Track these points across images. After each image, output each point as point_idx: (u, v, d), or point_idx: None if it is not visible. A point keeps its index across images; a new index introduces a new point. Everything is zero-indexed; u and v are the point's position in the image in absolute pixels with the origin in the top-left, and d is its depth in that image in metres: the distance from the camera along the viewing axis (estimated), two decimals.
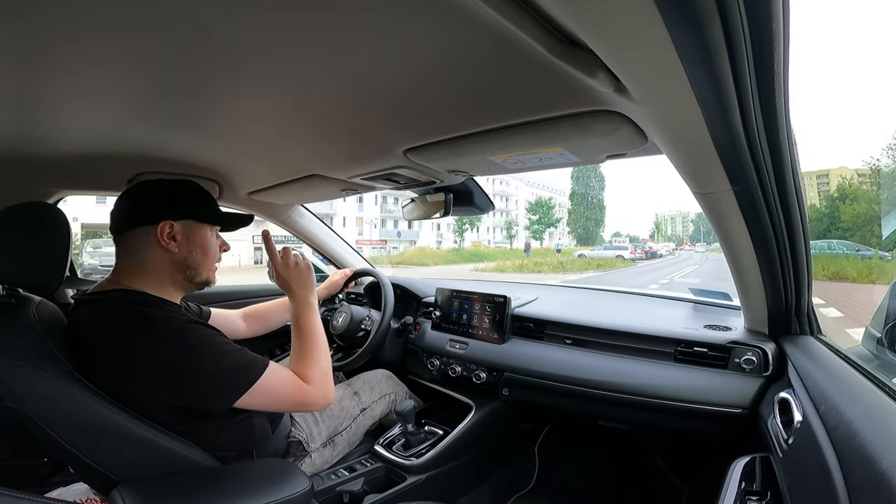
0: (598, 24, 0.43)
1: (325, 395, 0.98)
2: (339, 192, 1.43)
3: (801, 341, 1.02)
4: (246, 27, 0.53)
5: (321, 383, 0.97)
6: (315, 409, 1.12)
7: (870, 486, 0.48)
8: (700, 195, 0.83)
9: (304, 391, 0.94)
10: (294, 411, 1.13)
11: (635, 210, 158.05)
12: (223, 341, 0.88)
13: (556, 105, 0.70)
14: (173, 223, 0.92)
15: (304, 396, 0.94)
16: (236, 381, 0.85)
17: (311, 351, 1.01)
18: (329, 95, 0.73)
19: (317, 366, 0.99)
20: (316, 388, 0.95)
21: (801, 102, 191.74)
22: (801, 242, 0.86)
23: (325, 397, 0.98)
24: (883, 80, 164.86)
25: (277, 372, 0.91)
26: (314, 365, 0.98)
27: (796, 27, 0.62)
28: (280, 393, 0.91)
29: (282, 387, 0.91)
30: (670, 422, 1.16)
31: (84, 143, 0.98)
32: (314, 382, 0.95)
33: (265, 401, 0.89)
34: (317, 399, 0.96)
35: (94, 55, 0.60)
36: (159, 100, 0.76)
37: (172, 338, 0.82)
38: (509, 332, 1.46)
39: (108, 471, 0.80)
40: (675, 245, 67.09)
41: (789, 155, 0.68)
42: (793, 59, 0.50)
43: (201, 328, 0.88)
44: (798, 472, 0.69)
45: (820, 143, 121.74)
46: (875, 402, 0.63)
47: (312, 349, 1.01)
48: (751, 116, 0.57)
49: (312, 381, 0.95)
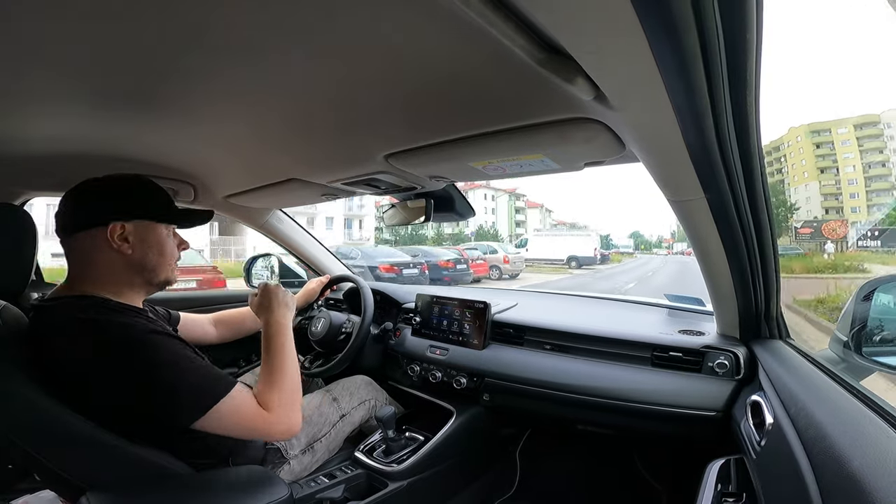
0: (578, 31, 0.44)
1: (287, 425, 0.92)
2: (319, 196, 1.41)
3: (771, 345, 1.05)
4: (222, 29, 0.53)
5: (284, 411, 0.91)
6: (277, 439, 1.02)
7: (842, 486, 0.49)
8: (675, 203, 0.85)
9: (264, 419, 0.88)
10: (254, 438, 1.00)
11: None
12: (187, 355, 0.84)
13: (537, 112, 0.71)
14: (124, 224, 0.87)
15: (264, 425, 0.88)
16: (196, 399, 0.81)
17: (277, 376, 0.96)
18: (308, 99, 0.73)
19: (280, 392, 0.93)
20: (277, 415, 0.90)
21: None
22: (770, 249, 0.89)
23: (289, 426, 0.92)
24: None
25: (240, 396, 0.86)
26: (277, 391, 0.93)
27: (769, 39, 0.64)
28: (240, 419, 0.85)
29: (243, 412, 0.86)
30: (648, 425, 1.18)
31: (53, 142, 0.95)
32: (274, 410, 0.90)
33: (224, 426, 0.84)
34: (278, 429, 0.90)
35: (64, 52, 0.58)
36: (132, 100, 0.75)
37: (130, 348, 0.79)
38: (489, 338, 1.47)
39: (74, 478, 0.77)
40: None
41: (758, 163, 0.70)
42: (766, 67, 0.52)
43: (164, 339, 0.84)
44: (771, 473, 0.71)
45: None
46: (843, 404, 0.65)
47: (278, 374, 0.96)
48: (723, 124, 0.59)
49: (273, 409, 0.89)
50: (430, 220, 1.39)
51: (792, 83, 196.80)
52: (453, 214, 1.41)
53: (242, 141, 0.96)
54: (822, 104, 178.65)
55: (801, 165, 51.89)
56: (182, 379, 0.81)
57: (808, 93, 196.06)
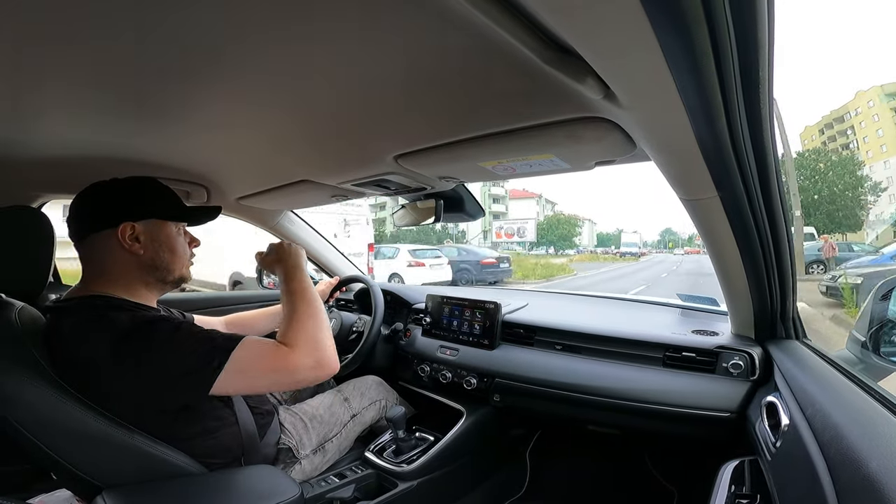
0: (588, 31, 0.44)
1: (315, 358, 0.87)
2: (330, 197, 1.42)
3: (787, 345, 1.03)
4: (232, 33, 0.53)
5: (309, 346, 0.87)
6: (306, 377, 0.90)
7: (858, 489, 0.48)
8: (687, 202, 0.84)
9: (286, 355, 0.84)
10: (286, 386, 0.94)
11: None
12: (199, 329, 0.84)
13: (547, 112, 0.71)
14: (134, 224, 0.89)
15: (286, 361, 0.84)
16: (211, 357, 0.80)
17: (297, 315, 0.92)
18: (319, 101, 0.73)
19: (303, 329, 0.89)
20: (301, 350, 0.86)
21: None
22: (786, 248, 0.88)
23: (317, 360, 0.87)
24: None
25: (256, 341, 0.85)
26: (301, 328, 0.89)
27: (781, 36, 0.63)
28: (261, 362, 0.83)
29: (263, 352, 0.84)
30: (659, 426, 1.16)
31: (68, 146, 0.97)
32: (299, 345, 0.86)
33: (247, 377, 0.82)
34: (305, 362, 0.85)
35: (76, 58, 0.59)
36: (145, 104, 0.76)
37: (142, 330, 0.80)
38: (500, 339, 1.46)
39: (90, 477, 0.79)
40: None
41: (773, 161, 0.69)
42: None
43: (175, 321, 0.84)
44: (787, 475, 0.70)
45: None
46: (860, 405, 0.64)
47: (297, 313, 0.93)
48: (736, 123, 0.58)
49: (296, 344, 0.86)
50: (440, 221, 1.39)
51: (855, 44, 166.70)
52: (463, 215, 1.41)
53: (253, 143, 0.97)
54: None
55: (876, 137, 41.62)
56: (197, 342, 0.81)
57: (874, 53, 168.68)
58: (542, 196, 56.35)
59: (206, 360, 0.79)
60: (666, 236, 79.93)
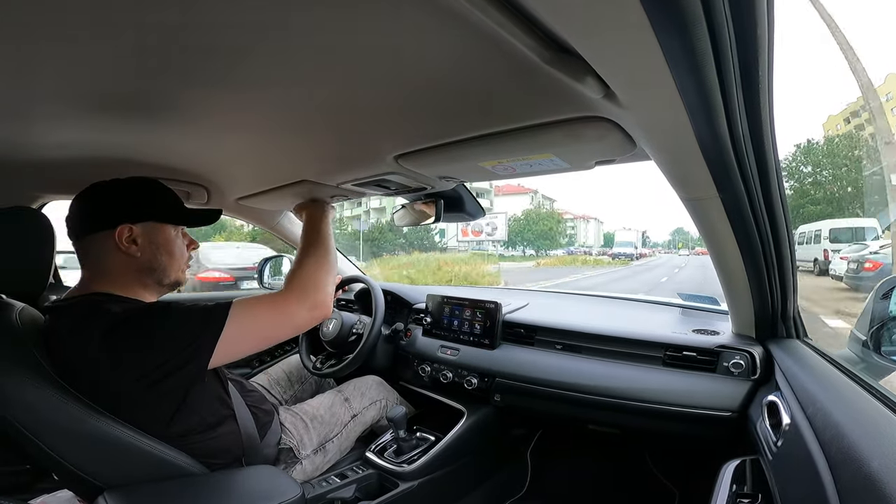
0: (588, 31, 0.44)
1: (310, 303, 0.91)
2: (329, 198, 1.42)
3: (788, 345, 1.03)
4: (231, 31, 0.53)
5: (304, 291, 0.90)
6: (304, 321, 0.93)
7: (860, 488, 0.48)
8: (688, 201, 0.84)
9: (279, 305, 0.88)
10: (288, 334, 0.93)
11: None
12: (182, 307, 0.85)
13: (547, 111, 0.71)
14: (132, 226, 0.89)
15: (281, 307, 0.88)
16: (209, 320, 0.82)
17: (304, 257, 0.99)
18: (318, 101, 0.73)
19: (303, 273, 0.95)
20: (295, 296, 0.89)
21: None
22: (787, 247, 0.88)
23: (314, 304, 0.91)
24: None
25: (244, 304, 0.86)
26: (301, 273, 0.95)
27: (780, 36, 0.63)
28: (260, 308, 0.86)
29: (256, 304, 0.87)
30: (660, 425, 1.16)
31: (68, 147, 0.97)
32: (293, 291, 0.89)
33: (249, 329, 0.84)
34: (298, 307, 0.89)
35: (76, 58, 0.59)
36: (145, 105, 0.76)
37: (133, 314, 0.81)
38: (500, 338, 1.46)
39: (92, 477, 0.79)
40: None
41: (773, 160, 0.69)
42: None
43: (162, 303, 0.86)
44: (788, 474, 0.70)
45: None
46: (862, 405, 0.64)
47: (306, 256, 1.00)
48: (736, 122, 0.58)
49: (291, 291, 0.89)
50: (441, 221, 1.39)
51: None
52: (464, 214, 1.41)
53: (254, 143, 0.97)
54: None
55: None
56: (187, 314, 0.82)
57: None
58: (537, 192, 53.51)
59: (204, 324, 0.81)
60: (676, 236, 79.41)
